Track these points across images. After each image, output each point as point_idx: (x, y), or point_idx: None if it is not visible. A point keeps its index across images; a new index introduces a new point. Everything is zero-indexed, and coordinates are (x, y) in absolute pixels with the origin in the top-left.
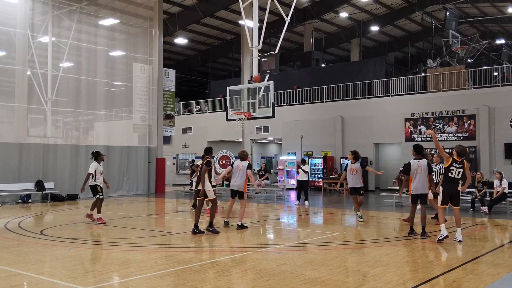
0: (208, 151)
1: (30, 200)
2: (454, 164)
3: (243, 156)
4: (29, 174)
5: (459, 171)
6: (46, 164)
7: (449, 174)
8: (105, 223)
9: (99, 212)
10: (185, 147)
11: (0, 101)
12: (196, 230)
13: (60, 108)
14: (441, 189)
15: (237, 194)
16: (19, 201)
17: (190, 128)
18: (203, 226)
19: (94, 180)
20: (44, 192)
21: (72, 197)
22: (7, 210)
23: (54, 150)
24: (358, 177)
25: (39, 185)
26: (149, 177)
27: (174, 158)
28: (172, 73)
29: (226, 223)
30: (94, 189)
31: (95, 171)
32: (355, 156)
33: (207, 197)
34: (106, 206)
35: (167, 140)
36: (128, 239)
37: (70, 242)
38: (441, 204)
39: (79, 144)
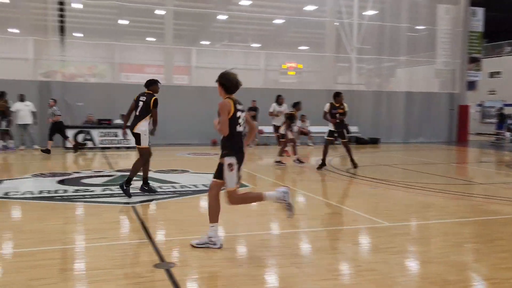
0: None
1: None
2: None
3: None
4: None
5: None
6: (351, 110)
7: None
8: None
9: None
10: (491, 94)
11: (312, 51)
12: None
13: (363, 56)
14: None
15: None
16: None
17: (498, 72)
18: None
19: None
20: (349, 134)
21: (374, 141)
22: (319, 150)
23: (358, 96)
24: None
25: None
26: (451, 125)
27: (478, 105)
28: (480, 11)
29: None
30: None
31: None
32: None
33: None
34: (405, 151)
35: (471, 86)
36: (428, 184)
37: (372, 181)
38: None
39: (381, 90)
